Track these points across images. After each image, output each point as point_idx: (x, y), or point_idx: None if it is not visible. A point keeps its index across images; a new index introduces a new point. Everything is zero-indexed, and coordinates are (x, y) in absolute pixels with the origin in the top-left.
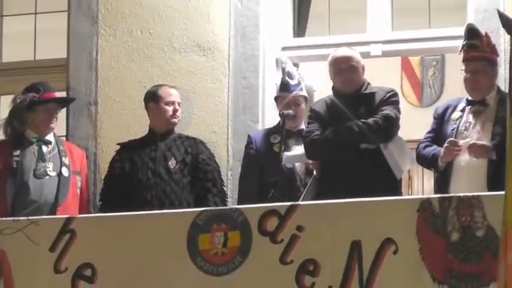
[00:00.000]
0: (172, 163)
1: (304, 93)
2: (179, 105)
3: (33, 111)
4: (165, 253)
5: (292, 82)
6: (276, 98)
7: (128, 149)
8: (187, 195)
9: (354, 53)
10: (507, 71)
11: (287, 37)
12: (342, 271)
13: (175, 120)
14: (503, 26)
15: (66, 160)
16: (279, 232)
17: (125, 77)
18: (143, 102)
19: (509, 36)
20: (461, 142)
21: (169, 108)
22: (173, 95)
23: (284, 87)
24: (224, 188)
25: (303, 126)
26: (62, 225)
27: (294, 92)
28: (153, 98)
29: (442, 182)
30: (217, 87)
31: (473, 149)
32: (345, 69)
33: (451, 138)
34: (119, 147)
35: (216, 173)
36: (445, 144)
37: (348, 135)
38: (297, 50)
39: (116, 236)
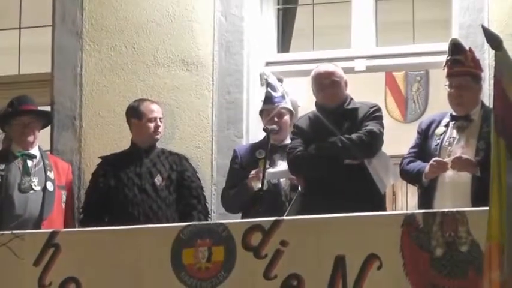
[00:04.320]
0: (158, 180)
1: (288, 105)
2: (161, 121)
3: (9, 125)
4: (149, 267)
5: (275, 94)
6: (260, 112)
7: (111, 163)
8: (173, 212)
9: (337, 68)
10: (491, 87)
11: (271, 52)
12: (326, 286)
13: (157, 136)
14: (488, 42)
15: (51, 174)
16: (263, 247)
17: (109, 91)
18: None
19: (493, 51)
20: (447, 159)
21: (151, 125)
22: (155, 111)
23: (268, 100)
24: (207, 204)
25: (288, 140)
26: (46, 240)
27: (277, 104)
28: (134, 115)
29: (426, 198)
30: (201, 102)
31: (457, 162)
32: (327, 85)
33: (438, 158)
34: None
35: (200, 189)
36: (431, 162)
37: (332, 151)
38: (281, 65)
39: (100, 250)
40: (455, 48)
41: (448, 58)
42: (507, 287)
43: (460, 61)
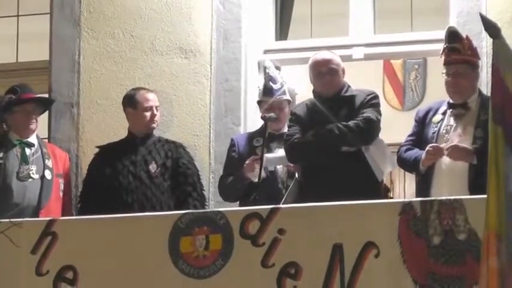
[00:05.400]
0: (153, 167)
1: (287, 96)
2: (157, 110)
3: (11, 113)
4: (146, 256)
5: (275, 86)
6: (259, 102)
7: (107, 152)
8: (167, 199)
9: (334, 56)
10: (489, 75)
11: (269, 40)
12: (324, 274)
13: (153, 125)
14: (486, 29)
15: (49, 163)
16: (261, 235)
17: (107, 79)
18: None
19: (491, 39)
20: (443, 145)
21: (147, 114)
22: (150, 99)
23: (267, 91)
24: (204, 192)
25: (285, 129)
26: (43, 228)
27: (276, 96)
28: (130, 104)
29: (423, 186)
30: (199, 90)
31: (453, 151)
32: (324, 72)
33: (434, 144)
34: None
35: (196, 177)
36: (427, 149)
37: (329, 138)
38: (279, 53)
39: (98, 239)
40: (452, 36)
41: (445, 46)
42: (504, 274)
43: (457, 49)
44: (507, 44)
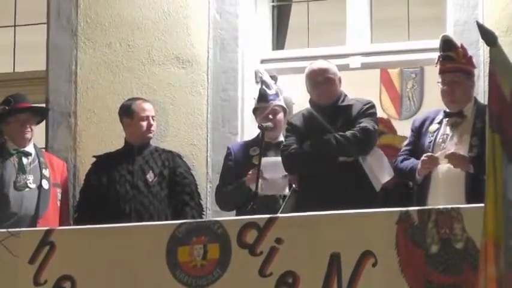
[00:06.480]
0: (150, 176)
1: (282, 103)
2: (153, 119)
3: (6, 123)
4: (144, 265)
5: (269, 92)
6: (254, 110)
7: (104, 162)
8: (165, 208)
9: (330, 65)
10: (486, 83)
11: (266, 50)
12: (321, 283)
13: (150, 135)
14: (482, 37)
15: (46, 172)
16: (258, 244)
17: (104, 89)
18: None
19: (488, 48)
20: (439, 153)
21: (144, 124)
22: (147, 109)
23: (262, 97)
24: (201, 201)
25: (282, 138)
26: (41, 238)
27: (271, 102)
28: (126, 114)
29: (420, 195)
30: (196, 100)
31: (452, 157)
32: (321, 82)
33: (428, 153)
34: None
35: (194, 186)
36: (422, 158)
37: (326, 148)
38: (276, 62)
39: (96, 248)
40: (446, 44)
41: (440, 54)
42: (503, 282)
43: (452, 57)
44: (504, 52)
